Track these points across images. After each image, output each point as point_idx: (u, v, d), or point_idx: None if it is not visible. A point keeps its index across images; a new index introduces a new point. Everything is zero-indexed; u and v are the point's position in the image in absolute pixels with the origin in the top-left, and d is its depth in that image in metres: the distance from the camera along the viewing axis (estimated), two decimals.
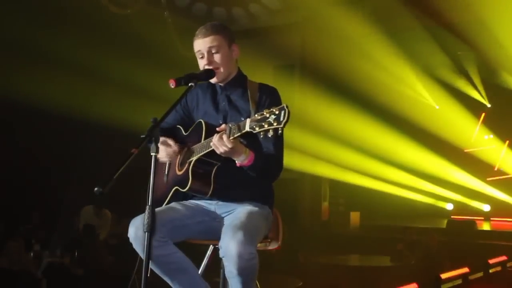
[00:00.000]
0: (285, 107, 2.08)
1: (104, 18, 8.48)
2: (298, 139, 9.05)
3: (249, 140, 2.38)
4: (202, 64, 2.60)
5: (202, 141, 2.47)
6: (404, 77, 11.05)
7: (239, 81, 2.67)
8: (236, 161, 2.39)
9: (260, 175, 2.48)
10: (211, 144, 2.34)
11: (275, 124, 2.08)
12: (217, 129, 2.34)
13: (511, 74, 10.86)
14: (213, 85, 2.69)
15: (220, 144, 2.29)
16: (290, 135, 2.16)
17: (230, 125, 2.28)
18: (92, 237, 7.08)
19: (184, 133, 2.69)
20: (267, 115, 2.11)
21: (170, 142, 2.60)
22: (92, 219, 7.77)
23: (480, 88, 11.68)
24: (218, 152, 2.33)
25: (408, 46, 10.26)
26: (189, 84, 2.43)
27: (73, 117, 7.90)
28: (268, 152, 2.50)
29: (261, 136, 2.15)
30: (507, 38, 9.34)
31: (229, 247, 2.22)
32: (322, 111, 9.78)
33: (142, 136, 2.13)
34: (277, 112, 2.09)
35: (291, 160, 2.67)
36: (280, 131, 2.10)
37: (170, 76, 2.42)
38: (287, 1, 10.36)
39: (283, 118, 2.07)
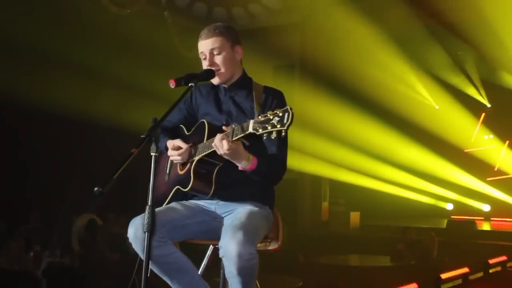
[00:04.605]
0: (288, 109, 2.08)
1: (104, 18, 8.48)
2: (298, 139, 9.05)
3: (253, 141, 2.37)
4: (205, 65, 2.60)
5: (205, 141, 2.47)
6: (404, 77, 11.06)
7: (244, 82, 2.66)
8: (239, 166, 2.39)
9: (263, 179, 2.48)
10: (213, 144, 2.33)
11: (278, 126, 2.07)
12: (223, 127, 2.33)
13: (511, 74, 10.86)
14: (217, 86, 2.68)
15: (221, 145, 2.28)
16: (290, 135, 2.16)
17: (233, 126, 2.28)
18: (94, 234, 7.08)
19: (186, 133, 2.69)
20: (271, 117, 2.10)
21: (182, 144, 2.55)
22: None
23: (480, 88, 11.68)
24: (219, 153, 2.32)
25: (408, 46, 10.26)
26: (189, 84, 2.43)
27: (73, 117, 7.90)
28: (272, 155, 2.50)
29: (265, 138, 2.15)
30: (508, 38, 9.34)
31: (229, 247, 2.22)
32: (322, 111, 9.78)
33: (142, 136, 2.12)
34: (280, 114, 2.08)
35: (291, 160, 2.66)
36: (283, 133, 2.09)
37: (170, 76, 2.42)
38: (287, 1, 10.36)
39: (287, 121, 2.06)
